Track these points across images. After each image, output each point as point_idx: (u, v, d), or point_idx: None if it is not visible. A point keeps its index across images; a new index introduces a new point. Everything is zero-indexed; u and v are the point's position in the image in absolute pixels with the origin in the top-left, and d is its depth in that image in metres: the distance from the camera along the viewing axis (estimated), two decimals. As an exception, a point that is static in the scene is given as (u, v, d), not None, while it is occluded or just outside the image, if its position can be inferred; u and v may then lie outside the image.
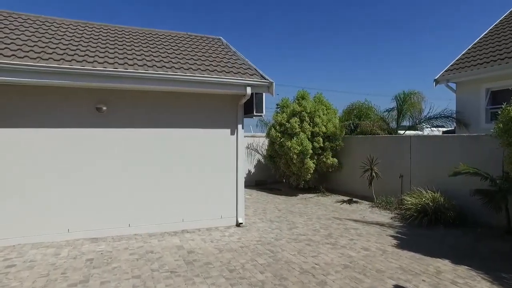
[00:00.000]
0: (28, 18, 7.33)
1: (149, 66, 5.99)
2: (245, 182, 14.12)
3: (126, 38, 7.47)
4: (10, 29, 6.37)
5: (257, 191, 12.47)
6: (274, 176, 13.25)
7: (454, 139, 8.25)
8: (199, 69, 6.38)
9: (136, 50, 6.73)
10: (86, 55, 5.89)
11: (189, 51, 7.38)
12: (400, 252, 5.48)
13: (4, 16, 7.09)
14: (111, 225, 6.11)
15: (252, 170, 14.11)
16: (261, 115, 7.25)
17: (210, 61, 6.99)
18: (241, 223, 6.97)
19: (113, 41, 7.08)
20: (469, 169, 6.73)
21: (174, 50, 7.28)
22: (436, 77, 9.71)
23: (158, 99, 6.46)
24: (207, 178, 6.81)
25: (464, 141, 7.93)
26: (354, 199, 10.49)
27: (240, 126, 6.95)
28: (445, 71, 9.75)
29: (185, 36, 8.69)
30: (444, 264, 4.92)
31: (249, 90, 6.40)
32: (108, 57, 6.00)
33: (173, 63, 6.43)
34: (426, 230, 6.99)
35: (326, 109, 11.78)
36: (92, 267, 4.66)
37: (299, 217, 8.00)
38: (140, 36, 7.88)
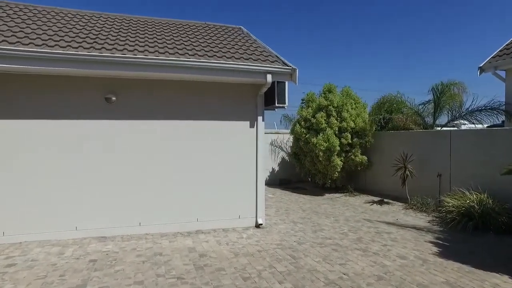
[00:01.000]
0: (43, 10, 7.13)
1: (160, 53, 5.54)
2: (268, 180, 13.71)
3: (141, 27, 7.10)
4: (22, 19, 6.15)
5: (281, 190, 11.86)
6: (299, 174, 12.58)
7: (504, 132, 7.25)
8: (215, 55, 5.87)
9: (149, 38, 6.32)
10: (95, 42, 5.53)
11: (206, 39, 6.89)
12: (444, 263, 4.69)
13: (20, 8, 6.93)
14: (121, 224, 5.72)
15: (276, 168, 13.50)
16: (283, 107, 6.63)
17: (228, 48, 6.46)
18: (261, 224, 6.40)
19: (126, 30, 6.72)
20: (525, 166, 5.78)
21: (190, 38, 6.81)
22: (481, 65, 8.65)
23: (174, 90, 6.02)
24: (224, 175, 6.29)
25: (516, 135, 6.92)
26: (385, 200, 9.63)
27: (260, 118, 6.38)
28: (492, 57, 8.67)
29: (203, 26, 8.23)
30: (504, 281, 4.08)
31: (269, 78, 5.81)
32: (118, 44, 5.62)
33: (187, 49, 5.96)
34: (472, 236, 6.10)
35: (355, 103, 10.97)
36: (94, 269, 4.25)
37: (325, 218, 7.31)
38: (156, 25, 7.49)
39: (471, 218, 6.66)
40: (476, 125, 8.98)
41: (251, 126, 6.38)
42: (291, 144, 12.34)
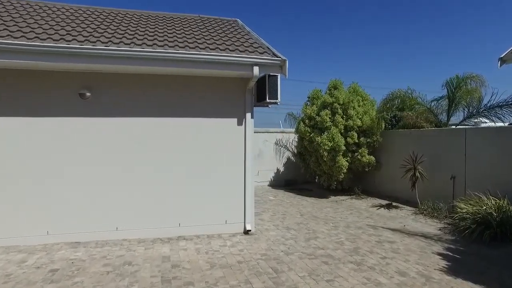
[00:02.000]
0: (27, 4, 6.84)
1: (136, 44, 5.11)
2: (273, 181, 13.16)
3: (126, 20, 6.70)
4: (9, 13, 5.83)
5: (284, 191, 11.29)
6: (304, 175, 11.97)
7: (526, 131, 6.45)
8: (198, 47, 5.39)
9: (131, 30, 5.91)
10: (72, 34, 5.15)
11: (193, 31, 6.43)
12: (451, 282, 4.03)
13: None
14: (97, 228, 5.33)
15: (281, 169, 12.92)
16: (276, 102, 6.08)
17: (215, 40, 5.97)
18: (249, 230, 5.87)
19: (110, 22, 6.33)
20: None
21: (176, 30, 6.36)
22: (502, 55, 7.77)
23: (153, 86, 5.59)
24: (209, 176, 5.80)
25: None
26: (393, 204, 8.92)
27: (249, 115, 5.85)
28: (514, 47, 7.80)
29: (196, 18, 7.77)
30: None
31: (256, 71, 5.28)
32: (105, 37, 5.22)
33: (168, 41, 5.50)
34: (489, 248, 5.39)
35: (362, 100, 10.26)
36: (50, 281, 3.85)
37: (323, 224, 6.71)
38: (143, 18, 7.09)
39: (488, 226, 5.92)
40: (496, 123, 8.13)
41: (239, 123, 5.86)
42: (296, 144, 11.75)
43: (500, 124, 8.32)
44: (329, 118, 9.88)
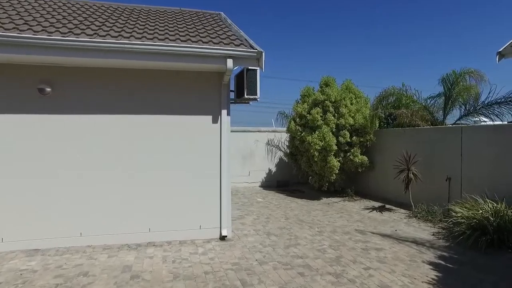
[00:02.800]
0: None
1: (99, 35, 4.70)
2: (265, 182, 12.72)
3: (99, 12, 6.30)
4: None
5: (275, 193, 10.87)
6: (297, 176, 11.53)
7: (526, 129, 6.00)
8: (167, 38, 4.97)
9: (99, 21, 5.50)
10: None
11: (168, 23, 6.02)
12: (438, 297, 3.60)
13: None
14: (58, 234, 4.93)
15: (273, 169, 12.49)
16: (255, 99, 5.69)
17: (189, 32, 5.55)
18: (225, 236, 5.45)
19: (79, 14, 5.93)
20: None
21: (149, 22, 5.95)
22: (500, 49, 7.32)
23: (119, 80, 5.18)
24: (181, 178, 5.39)
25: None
26: (387, 206, 8.48)
27: (224, 112, 5.43)
28: (513, 40, 7.34)
29: (176, 12, 7.36)
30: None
31: (230, 64, 4.86)
32: (67, 27, 4.82)
33: (137, 33, 5.09)
34: (485, 256, 4.96)
35: (355, 98, 9.83)
36: (-12, 296, 3.46)
37: (307, 229, 6.28)
38: (119, 10, 6.68)
39: (484, 232, 5.48)
40: (494, 121, 7.67)
41: (214, 121, 5.45)
42: (287, 143, 11.33)
43: (498, 122, 7.85)
44: (320, 116, 9.45)
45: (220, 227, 5.46)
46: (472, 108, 7.92)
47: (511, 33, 7.59)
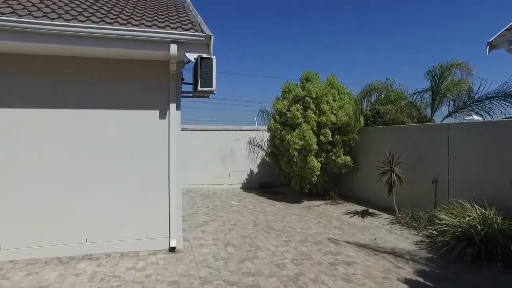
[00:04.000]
0: None
1: (18, 15, 4.02)
2: (246, 184, 12.03)
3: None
4: None
5: (255, 195, 10.22)
6: (279, 177, 10.85)
7: (518, 125, 5.34)
8: (103, 20, 4.30)
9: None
10: None
11: (112, 6, 5.31)
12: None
13: None
14: (-25, 247, 4.26)
15: (255, 170, 11.83)
16: (211, 91, 5.02)
17: (135, 15, 4.87)
18: (174, 247, 4.78)
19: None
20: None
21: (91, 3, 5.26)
22: (491, 39, 6.65)
23: (47, 69, 4.51)
24: (124, 182, 4.72)
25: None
26: (370, 211, 7.83)
27: (173, 107, 4.76)
28: (506, 29, 6.67)
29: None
30: None
31: (174, 49, 4.19)
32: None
33: (71, 15, 4.41)
34: (471, 271, 4.35)
35: (339, 94, 9.17)
36: None
37: (274, 238, 5.61)
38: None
39: (470, 242, 4.84)
40: (484, 117, 7.01)
41: (162, 117, 4.78)
42: (268, 143, 10.66)
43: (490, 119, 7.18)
44: (301, 113, 8.80)
45: (169, 237, 4.79)
46: (462, 104, 7.25)
47: (502, 24, 6.91)
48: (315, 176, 8.68)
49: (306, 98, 8.81)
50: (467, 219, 5.12)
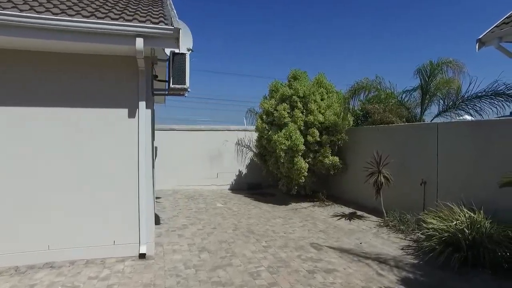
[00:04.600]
0: None
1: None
2: (234, 185, 11.74)
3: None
4: None
5: (243, 196, 9.96)
6: (268, 178, 10.58)
7: (509, 124, 5.10)
8: (64, 12, 4.01)
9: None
10: None
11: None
12: None
13: None
14: None
15: (244, 171, 11.56)
16: (184, 89, 4.76)
17: (103, 8, 4.58)
18: (144, 254, 4.50)
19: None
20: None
21: None
22: (480, 36, 6.44)
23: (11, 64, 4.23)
24: (90, 185, 4.43)
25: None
26: (358, 213, 7.59)
27: (142, 105, 4.48)
28: (495, 26, 6.45)
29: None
30: None
31: (140, 43, 3.92)
32: None
33: (30, 6, 4.13)
34: (458, 277, 4.15)
35: (327, 93, 8.92)
36: None
37: (253, 243, 5.34)
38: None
39: (458, 248, 4.60)
40: (474, 117, 6.78)
41: (131, 115, 4.50)
42: (255, 143, 10.38)
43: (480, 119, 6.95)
44: (288, 113, 8.55)
45: (139, 243, 4.51)
46: (452, 103, 7.02)
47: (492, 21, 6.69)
48: (302, 177, 8.43)
49: (293, 97, 8.55)
50: (455, 223, 4.88)
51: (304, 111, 8.51)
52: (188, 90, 4.78)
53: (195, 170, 10.94)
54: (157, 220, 6.67)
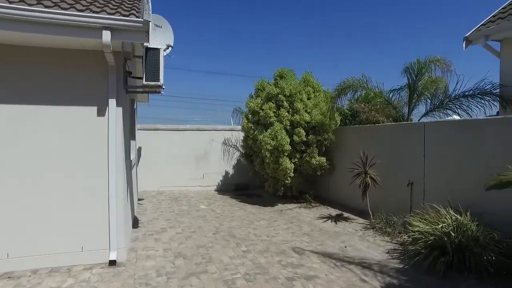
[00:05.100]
0: None
1: None
2: (221, 186, 11.47)
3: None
4: None
5: (229, 198, 9.73)
6: (254, 179, 10.36)
7: (496, 123, 4.96)
8: (23, 1, 3.72)
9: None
10: None
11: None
12: None
13: None
14: None
15: (231, 172, 11.32)
16: (158, 86, 4.50)
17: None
18: (114, 261, 4.23)
19: None
20: (524, 176, 3.49)
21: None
22: (467, 34, 6.34)
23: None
24: (55, 187, 4.15)
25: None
26: (345, 215, 7.42)
27: (113, 102, 4.22)
28: (482, 24, 6.35)
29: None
30: None
31: (107, 37, 3.66)
32: None
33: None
34: (443, 282, 4.02)
35: (314, 92, 8.73)
36: None
37: (232, 248, 5.10)
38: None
39: (444, 251, 4.45)
40: (461, 116, 6.65)
41: (100, 114, 4.23)
42: (241, 143, 10.15)
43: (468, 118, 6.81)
44: (273, 112, 8.34)
45: (109, 249, 4.25)
46: (439, 102, 6.88)
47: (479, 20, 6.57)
48: (288, 178, 8.23)
49: (279, 96, 8.34)
50: (441, 225, 4.72)
51: (290, 110, 8.31)
52: (163, 87, 4.53)
53: (180, 171, 10.67)
54: (136, 223, 6.40)
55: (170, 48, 6.90)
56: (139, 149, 10.45)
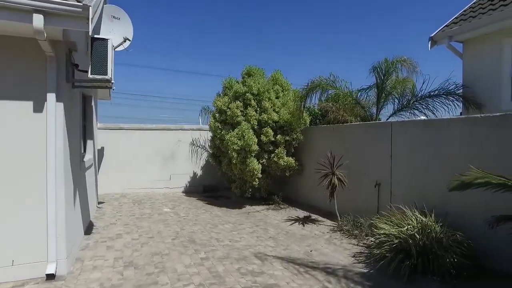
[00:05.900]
0: None
1: None
2: (189, 187, 11.03)
3: None
4: None
5: (196, 200, 9.36)
6: (222, 180, 10.02)
7: (459, 123, 4.90)
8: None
9: None
10: None
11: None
12: None
13: None
14: None
15: (199, 173, 10.92)
16: (106, 80, 4.08)
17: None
18: (52, 274, 3.78)
19: None
20: (487, 177, 3.36)
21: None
22: (432, 34, 6.34)
23: None
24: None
25: (479, 126, 4.57)
26: (313, 216, 7.25)
27: (52, 97, 3.77)
28: (446, 25, 6.36)
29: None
30: None
31: (39, 21, 3.22)
32: None
33: None
34: (407, 286, 3.80)
35: (283, 90, 8.52)
36: None
37: (190, 255, 4.75)
38: None
39: (409, 255, 4.32)
40: (428, 116, 6.64)
41: (37, 110, 3.77)
42: (209, 143, 9.79)
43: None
44: (241, 111, 8.05)
45: (47, 261, 3.79)
46: (406, 102, 6.85)
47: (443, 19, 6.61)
48: (256, 179, 7.96)
49: (247, 94, 8.07)
50: (406, 228, 4.60)
51: (258, 109, 8.05)
52: (112, 81, 4.12)
53: (146, 172, 10.18)
54: (90, 229, 5.92)
55: (128, 41, 6.47)
56: (101, 150, 9.86)
